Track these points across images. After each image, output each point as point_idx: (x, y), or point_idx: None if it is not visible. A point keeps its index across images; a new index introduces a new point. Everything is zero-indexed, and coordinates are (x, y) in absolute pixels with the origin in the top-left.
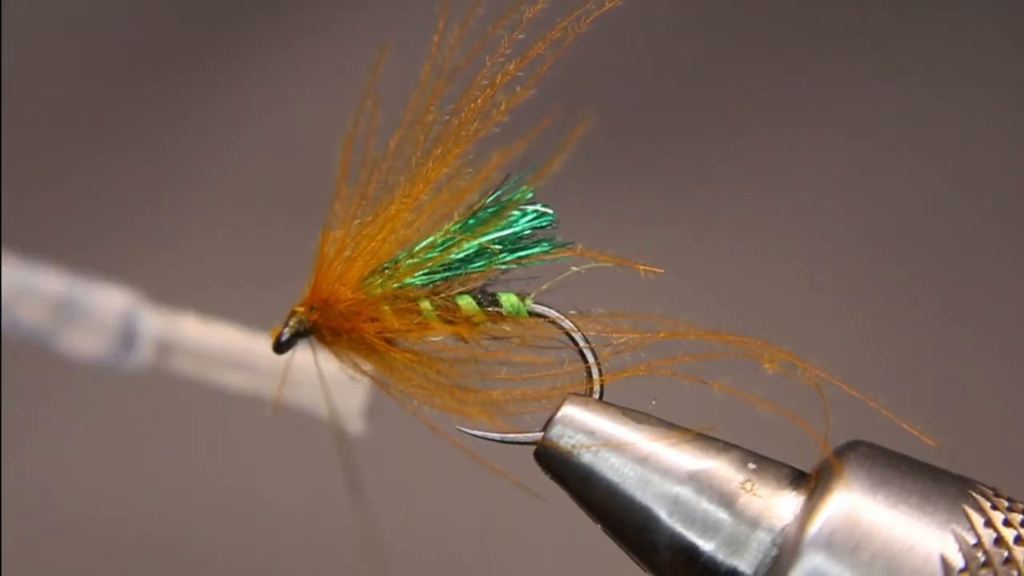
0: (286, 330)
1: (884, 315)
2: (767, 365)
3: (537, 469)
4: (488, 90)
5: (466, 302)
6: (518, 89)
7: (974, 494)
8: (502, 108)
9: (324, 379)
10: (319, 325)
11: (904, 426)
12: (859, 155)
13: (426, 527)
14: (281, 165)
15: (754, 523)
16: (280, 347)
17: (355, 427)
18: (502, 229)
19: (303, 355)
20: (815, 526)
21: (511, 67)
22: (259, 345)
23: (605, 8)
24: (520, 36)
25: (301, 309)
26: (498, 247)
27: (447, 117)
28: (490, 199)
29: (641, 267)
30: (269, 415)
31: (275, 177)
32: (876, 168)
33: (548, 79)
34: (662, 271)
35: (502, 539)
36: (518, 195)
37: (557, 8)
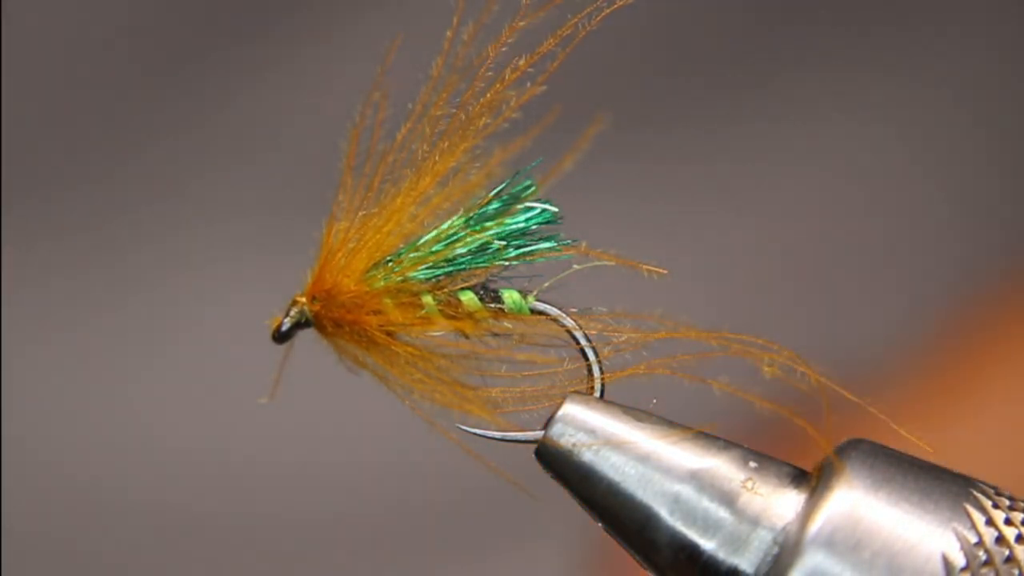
0: (287, 320)
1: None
2: (766, 369)
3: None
4: (497, 85)
5: (468, 297)
6: (528, 85)
7: (975, 492)
8: (512, 104)
9: None
10: (320, 316)
11: (899, 430)
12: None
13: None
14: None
15: (755, 522)
16: (279, 337)
17: None
18: (507, 225)
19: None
20: (816, 524)
21: (521, 62)
22: None
23: (617, 6)
24: (530, 30)
25: (303, 299)
26: (502, 243)
27: (455, 111)
28: (495, 195)
29: (644, 267)
30: (265, 402)
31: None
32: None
33: (560, 75)
34: (666, 271)
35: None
36: (523, 192)
37: (569, 4)
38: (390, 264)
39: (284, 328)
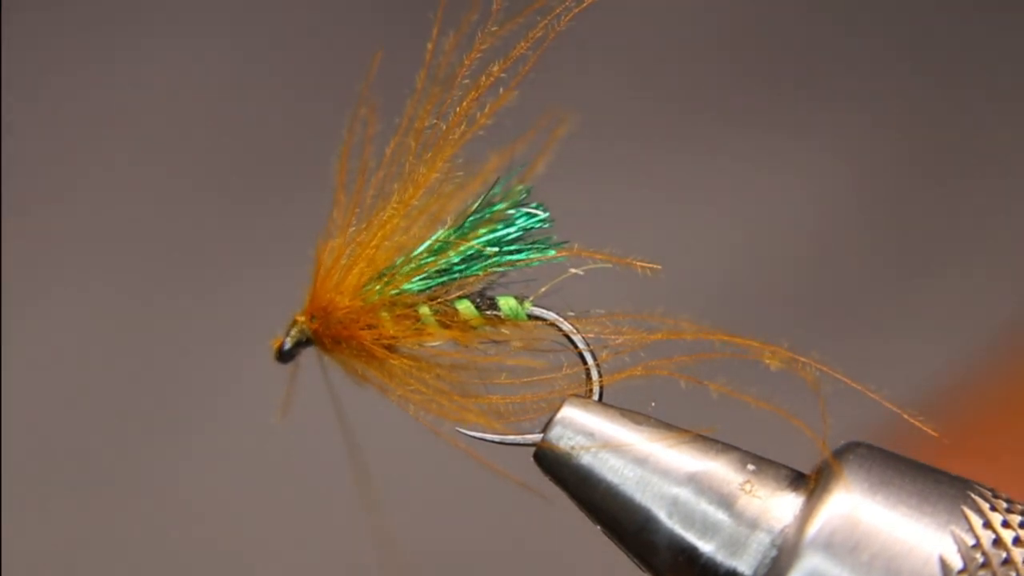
0: (287, 339)
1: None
2: (769, 362)
3: (537, 470)
4: (472, 92)
5: (464, 306)
6: (501, 91)
7: (973, 495)
8: (487, 111)
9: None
10: (319, 333)
11: (907, 417)
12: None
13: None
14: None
15: (753, 524)
16: (283, 356)
17: None
18: (498, 231)
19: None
20: (814, 527)
21: (495, 68)
22: None
23: (584, 5)
24: (502, 35)
25: (302, 318)
26: (495, 250)
27: (435, 121)
28: (480, 201)
29: (638, 264)
30: (276, 422)
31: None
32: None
33: (534, 80)
34: (659, 267)
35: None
36: (510, 196)
37: (538, 8)
38: (384, 277)
39: (286, 347)
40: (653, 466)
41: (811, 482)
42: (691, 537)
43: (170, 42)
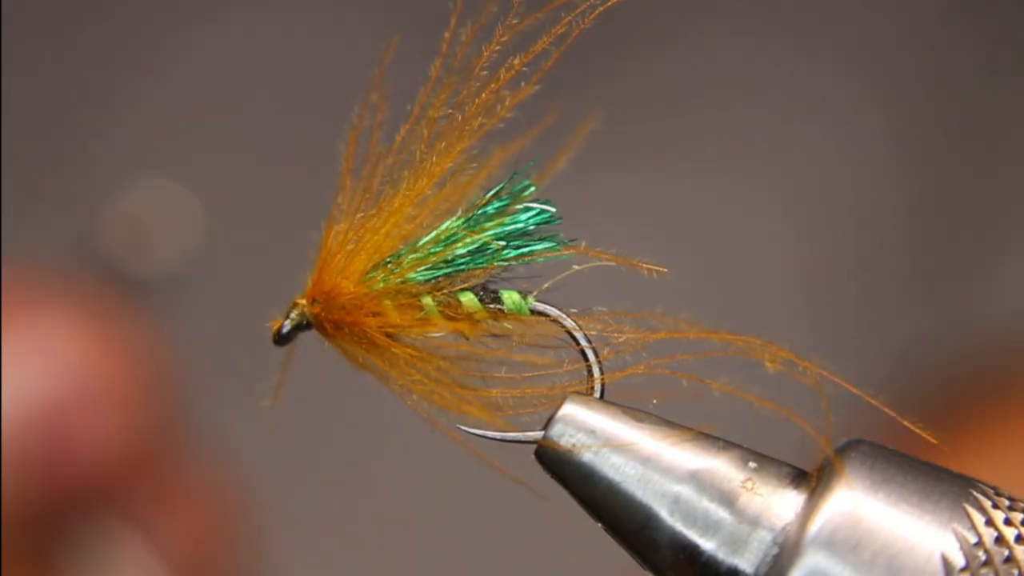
0: (287, 322)
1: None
2: (769, 364)
3: (538, 467)
4: (493, 85)
5: (468, 299)
6: (523, 84)
7: (975, 493)
8: (507, 104)
9: None
10: (320, 318)
11: (906, 423)
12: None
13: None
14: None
15: (755, 522)
16: (280, 339)
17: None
18: (505, 226)
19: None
20: (816, 525)
21: (516, 62)
22: None
23: (610, 3)
24: (524, 29)
25: (303, 301)
26: (501, 244)
27: (451, 111)
28: (492, 195)
29: (644, 266)
30: (267, 405)
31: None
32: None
33: (551, 74)
34: (666, 270)
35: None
36: (522, 192)
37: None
38: (389, 266)
39: (284, 330)
40: (654, 464)
41: (813, 480)
42: (692, 535)
43: (168, 41)
